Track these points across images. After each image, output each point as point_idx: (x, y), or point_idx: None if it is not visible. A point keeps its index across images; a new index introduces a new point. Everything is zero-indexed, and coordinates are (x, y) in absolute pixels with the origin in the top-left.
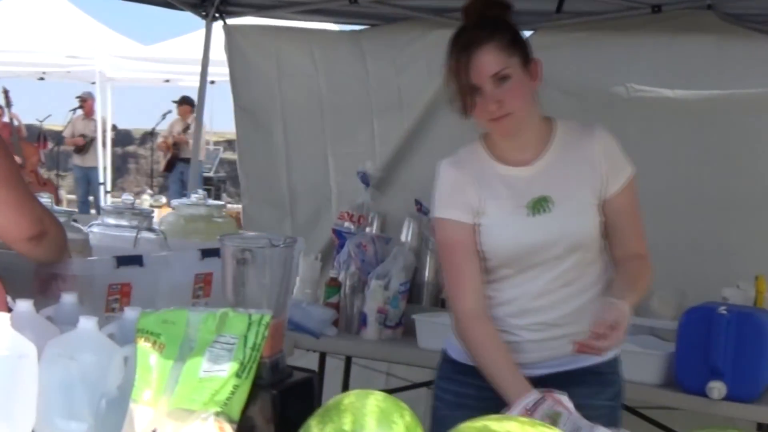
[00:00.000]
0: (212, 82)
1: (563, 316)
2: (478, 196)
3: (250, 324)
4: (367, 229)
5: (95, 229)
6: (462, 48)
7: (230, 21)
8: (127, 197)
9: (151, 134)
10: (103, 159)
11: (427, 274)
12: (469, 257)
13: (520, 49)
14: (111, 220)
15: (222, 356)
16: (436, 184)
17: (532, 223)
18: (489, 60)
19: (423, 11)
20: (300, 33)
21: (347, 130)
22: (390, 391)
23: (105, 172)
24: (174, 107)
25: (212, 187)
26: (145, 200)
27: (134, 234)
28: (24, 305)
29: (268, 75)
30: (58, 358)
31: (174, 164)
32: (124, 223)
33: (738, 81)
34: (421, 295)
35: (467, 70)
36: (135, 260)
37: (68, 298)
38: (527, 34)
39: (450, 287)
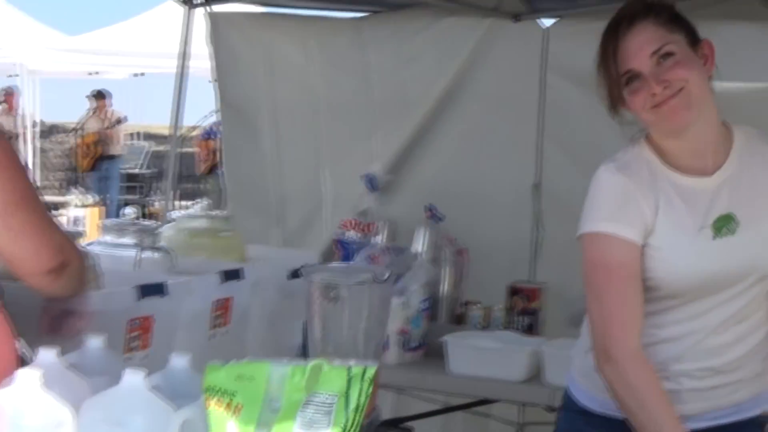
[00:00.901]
0: (141, 74)
1: (733, 361)
2: (651, 210)
3: (350, 379)
4: (375, 239)
5: (95, 249)
6: (611, 32)
7: (215, 8)
8: (129, 211)
9: (75, 130)
10: (27, 156)
11: (444, 288)
12: (634, 284)
13: (684, 27)
14: (111, 237)
15: (319, 421)
16: (597, 193)
17: (716, 246)
18: (645, 38)
19: None
20: (293, 21)
21: (345, 129)
22: (426, 415)
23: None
24: (90, 101)
25: (140, 184)
26: (71, 200)
27: (134, 254)
28: (48, 355)
29: (257, 68)
30: (101, 424)
31: (96, 162)
32: (126, 241)
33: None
34: (438, 311)
35: (616, 55)
36: (157, 289)
37: (94, 342)
38: (550, 22)
39: (604, 320)
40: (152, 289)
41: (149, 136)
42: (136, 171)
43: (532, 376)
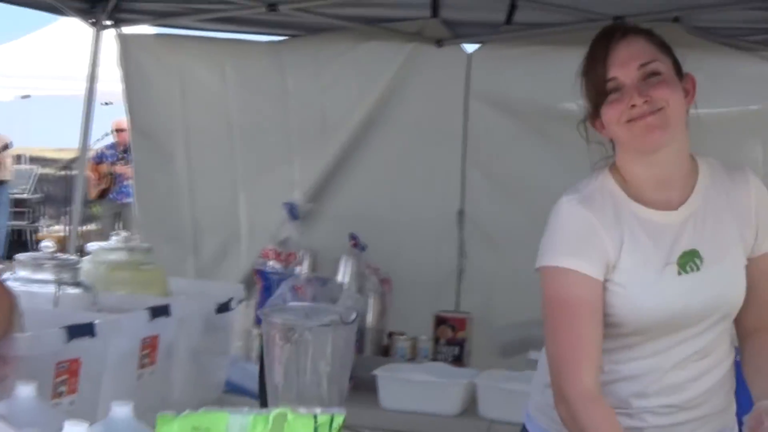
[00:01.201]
0: (28, 96)
1: (696, 397)
2: (614, 245)
3: (317, 428)
4: (297, 269)
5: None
6: (602, 39)
7: (125, 30)
8: (47, 244)
9: None
10: None
11: (370, 319)
12: (593, 322)
13: (672, 56)
14: (27, 273)
15: None
16: (558, 226)
17: (681, 283)
18: (636, 49)
19: (353, 20)
20: (209, 44)
21: (263, 155)
22: None
23: None
24: None
25: (28, 210)
26: None
27: (53, 290)
28: None
29: (170, 93)
30: None
31: None
32: (44, 276)
33: (707, 98)
34: (364, 343)
35: (605, 61)
36: (86, 330)
37: (24, 391)
38: (473, 48)
39: (559, 358)
40: (80, 330)
41: (35, 160)
42: (24, 196)
43: (466, 409)
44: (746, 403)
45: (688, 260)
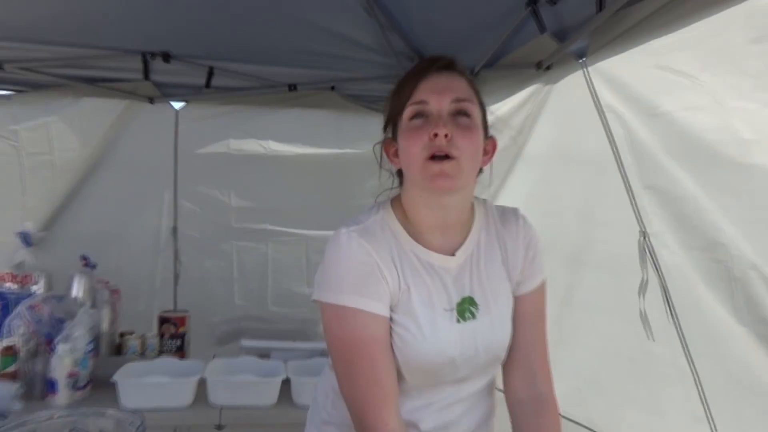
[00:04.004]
0: None
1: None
2: (395, 283)
3: None
4: (34, 288)
5: None
6: (425, 64)
7: None
8: None
9: None
10: None
11: (104, 326)
12: (389, 358)
13: (484, 113)
14: None
15: None
16: (339, 260)
17: (460, 331)
18: (455, 83)
19: (75, 79)
20: None
21: None
22: None
23: None
24: None
25: None
26: None
27: None
28: None
29: None
30: None
31: None
32: None
33: (352, 143)
34: (100, 346)
35: (417, 83)
36: None
37: None
38: (179, 105)
39: (358, 399)
40: None
41: None
42: None
43: (197, 400)
44: None
45: (466, 308)
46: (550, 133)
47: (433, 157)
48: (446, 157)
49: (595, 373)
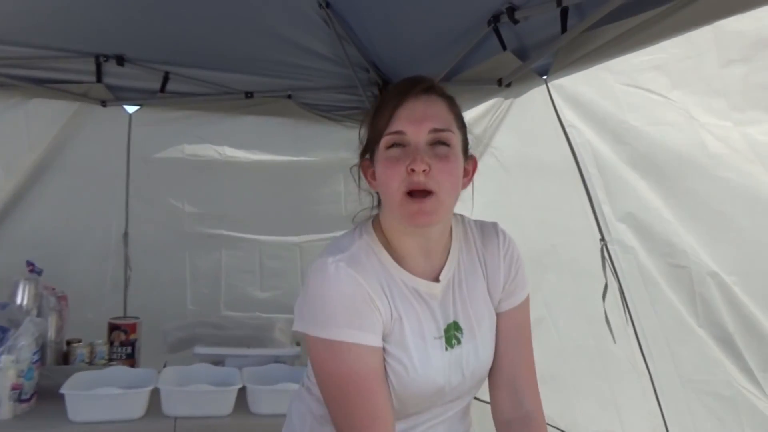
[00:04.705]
0: None
1: None
2: (386, 312)
3: None
4: None
5: None
6: (403, 87)
7: None
8: None
9: None
10: None
11: (51, 334)
12: (385, 389)
13: (464, 133)
14: None
15: None
16: (328, 292)
17: (449, 358)
18: (435, 111)
19: (24, 80)
20: None
21: None
22: None
23: None
24: None
25: None
26: None
27: None
28: None
29: None
30: None
31: None
32: None
33: (307, 151)
34: (46, 355)
35: (396, 109)
36: None
37: None
38: (132, 109)
39: None
40: None
41: None
42: None
43: (150, 411)
44: None
45: (452, 334)
46: (512, 144)
47: (411, 193)
48: (425, 191)
49: (554, 371)
